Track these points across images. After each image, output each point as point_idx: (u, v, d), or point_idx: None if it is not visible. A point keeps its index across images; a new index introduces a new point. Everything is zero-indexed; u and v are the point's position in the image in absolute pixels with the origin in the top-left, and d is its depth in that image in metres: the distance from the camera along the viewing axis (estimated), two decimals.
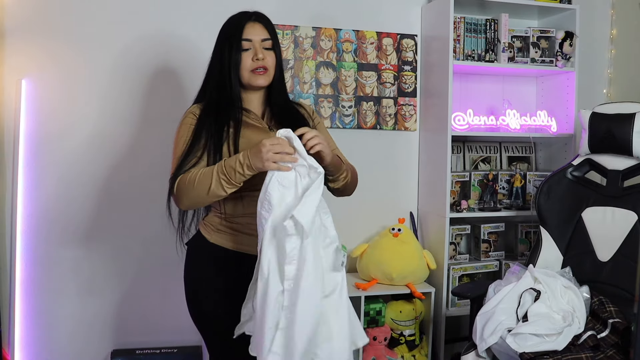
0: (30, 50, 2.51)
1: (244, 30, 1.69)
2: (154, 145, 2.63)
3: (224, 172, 1.52)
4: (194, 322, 1.76)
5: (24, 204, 2.53)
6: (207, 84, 1.77)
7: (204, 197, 1.56)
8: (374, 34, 2.92)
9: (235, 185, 1.54)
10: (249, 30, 1.70)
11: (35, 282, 2.56)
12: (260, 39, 1.71)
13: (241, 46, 1.68)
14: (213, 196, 1.55)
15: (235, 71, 1.69)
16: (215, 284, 1.71)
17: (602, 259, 2.25)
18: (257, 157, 1.47)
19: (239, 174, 1.51)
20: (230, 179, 1.52)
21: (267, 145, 1.46)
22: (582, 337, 1.93)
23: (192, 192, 1.56)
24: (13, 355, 2.51)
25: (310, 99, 2.83)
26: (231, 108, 1.69)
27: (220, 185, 1.52)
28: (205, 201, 1.59)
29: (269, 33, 1.73)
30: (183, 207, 1.64)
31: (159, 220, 2.60)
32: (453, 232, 2.88)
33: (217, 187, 1.52)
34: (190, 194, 1.57)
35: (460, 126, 2.80)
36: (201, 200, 1.59)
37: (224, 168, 1.52)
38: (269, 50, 1.73)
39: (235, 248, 1.70)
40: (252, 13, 1.75)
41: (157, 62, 2.65)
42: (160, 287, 2.67)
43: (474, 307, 2.18)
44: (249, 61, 1.69)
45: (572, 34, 2.87)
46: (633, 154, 2.24)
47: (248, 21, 1.71)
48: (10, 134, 2.50)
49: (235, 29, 1.70)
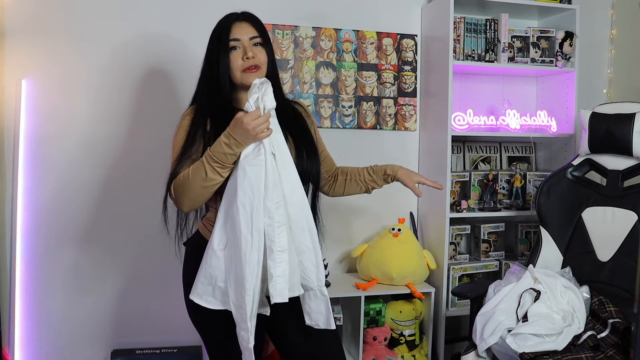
0: (30, 50, 2.51)
1: (231, 30, 1.69)
2: (153, 145, 2.63)
3: (214, 159, 1.53)
4: (193, 322, 1.77)
5: (24, 204, 2.53)
6: (200, 86, 1.77)
7: (202, 190, 1.56)
8: (374, 34, 2.92)
9: (229, 167, 1.55)
10: (236, 30, 1.70)
11: (35, 282, 2.56)
12: (249, 38, 1.70)
13: (229, 46, 1.68)
14: (211, 185, 1.55)
15: (225, 72, 1.69)
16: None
17: (602, 259, 2.25)
18: (246, 135, 1.50)
19: (229, 155, 1.52)
20: (223, 162, 1.53)
21: (252, 123, 1.49)
22: (582, 337, 1.93)
23: (190, 189, 1.56)
24: (13, 355, 2.51)
25: (310, 99, 2.83)
26: (223, 109, 1.69)
27: (215, 171, 1.53)
28: (205, 194, 1.58)
29: (257, 31, 1.73)
30: (185, 208, 1.64)
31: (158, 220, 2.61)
32: (453, 232, 2.88)
33: (212, 174, 1.53)
34: (188, 192, 1.57)
35: (460, 126, 2.80)
36: (200, 194, 1.58)
37: (213, 156, 1.53)
38: (259, 47, 1.72)
39: None
40: (239, 13, 1.75)
41: (157, 62, 2.65)
42: (160, 287, 2.67)
43: (474, 307, 2.18)
44: (239, 61, 1.69)
45: (572, 34, 2.87)
46: (633, 154, 2.24)
47: (235, 21, 1.71)
48: (10, 134, 2.50)
49: (222, 31, 1.70)
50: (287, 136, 1.70)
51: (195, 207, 1.66)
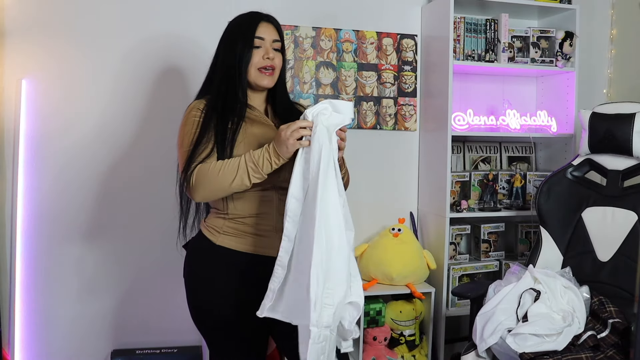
0: (30, 50, 2.51)
1: (258, 28, 1.72)
2: (154, 144, 2.63)
3: (253, 161, 1.56)
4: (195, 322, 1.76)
5: (24, 204, 2.53)
6: (211, 79, 1.77)
7: (225, 187, 1.59)
8: (374, 34, 2.92)
9: (262, 176, 1.58)
10: (263, 29, 1.72)
11: (35, 282, 2.56)
12: (272, 39, 1.74)
13: (253, 43, 1.70)
14: (237, 186, 1.58)
15: (245, 67, 1.70)
16: (217, 284, 1.70)
17: (602, 259, 2.25)
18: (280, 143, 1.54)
19: (267, 161, 1.56)
20: (259, 167, 1.56)
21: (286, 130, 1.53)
22: (582, 337, 1.93)
23: (215, 182, 1.58)
24: (13, 355, 2.51)
25: (310, 99, 2.83)
26: (236, 103, 1.70)
27: (247, 174, 1.56)
28: (225, 191, 1.61)
29: (279, 35, 1.76)
30: (199, 198, 1.64)
31: (159, 220, 2.62)
32: (453, 232, 2.88)
33: (244, 175, 1.56)
34: (212, 184, 1.59)
35: (460, 126, 2.79)
36: (221, 191, 1.61)
37: (252, 157, 1.57)
38: (278, 52, 1.75)
39: (243, 249, 1.69)
40: (266, 14, 1.77)
41: (156, 61, 2.65)
42: (160, 287, 2.67)
43: (474, 307, 2.18)
44: (259, 59, 1.71)
45: (572, 34, 2.87)
46: (633, 154, 2.24)
47: (262, 20, 1.74)
48: (10, 134, 2.50)
49: (248, 26, 1.72)
50: None
51: (209, 199, 1.68)
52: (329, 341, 1.50)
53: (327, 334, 1.48)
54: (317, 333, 1.45)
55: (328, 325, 1.48)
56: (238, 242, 1.69)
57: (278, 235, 1.60)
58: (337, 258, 1.51)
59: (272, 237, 1.68)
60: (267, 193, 1.69)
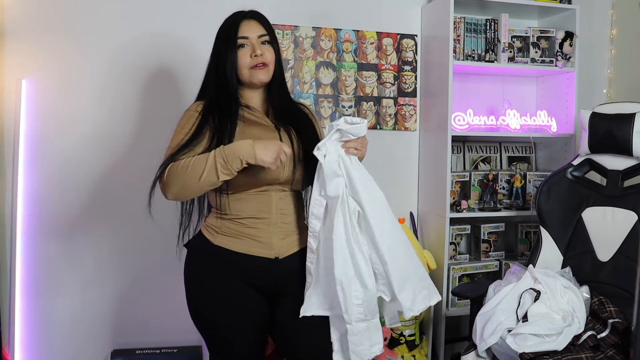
0: (30, 50, 2.51)
1: (240, 28, 1.70)
2: (153, 144, 2.61)
3: (223, 157, 1.52)
4: (194, 322, 1.76)
5: (24, 204, 2.53)
6: (206, 84, 1.77)
7: (194, 184, 1.54)
8: (374, 34, 2.92)
9: (231, 173, 1.53)
10: (245, 28, 1.70)
11: (35, 282, 2.56)
12: (257, 35, 1.71)
13: (237, 44, 1.68)
14: (205, 183, 1.54)
15: (232, 69, 1.69)
16: (216, 284, 1.70)
17: (602, 259, 2.25)
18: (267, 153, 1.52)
19: (238, 160, 1.52)
20: (228, 163, 1.52)
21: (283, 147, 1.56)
22: (582, 337, 1.93)
23: (183, 178, 1.54)
24: (13, 355, 2.51)
25: (310, 99, 2.83)
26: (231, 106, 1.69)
27: (215, 170, 1.52)
28: (195, 189, 1.57)
29: (265, 29, 1.73)
30: (170, 195, 1.60)
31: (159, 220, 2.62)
32: (453, 232, 2.88)
33: (211, 171, 1.52)
34: (181, 180, 1.55)
35: (460, 126, 2.80)
36: (190, 188, 1.56)
37: (223, 152, 1.53)
38: (267, 45, 1.72)
39: (241, 250, 1.68)
40: (247, 11, 1.75)
41: (156, 62, 2.65)
42: (160, 287, 2.67)
43: (474, 307, 2.18)
44: (247, 58, 1.69)
45: (572, 34, 2.87)
46: (633, 154, 2.24)
47: (243, 19, 1.72)
48: (10, 134, 2.50)
49: (230, 28, 1.70)
50: (291, 136, 1.71)
51: (180, 198, 1.63)
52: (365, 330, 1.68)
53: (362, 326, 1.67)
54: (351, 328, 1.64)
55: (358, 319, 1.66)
56: (236, 243, 1.69)
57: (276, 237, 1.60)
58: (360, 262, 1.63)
59: (270, 238, 1.68)
60: (266, 194, 1.68)
